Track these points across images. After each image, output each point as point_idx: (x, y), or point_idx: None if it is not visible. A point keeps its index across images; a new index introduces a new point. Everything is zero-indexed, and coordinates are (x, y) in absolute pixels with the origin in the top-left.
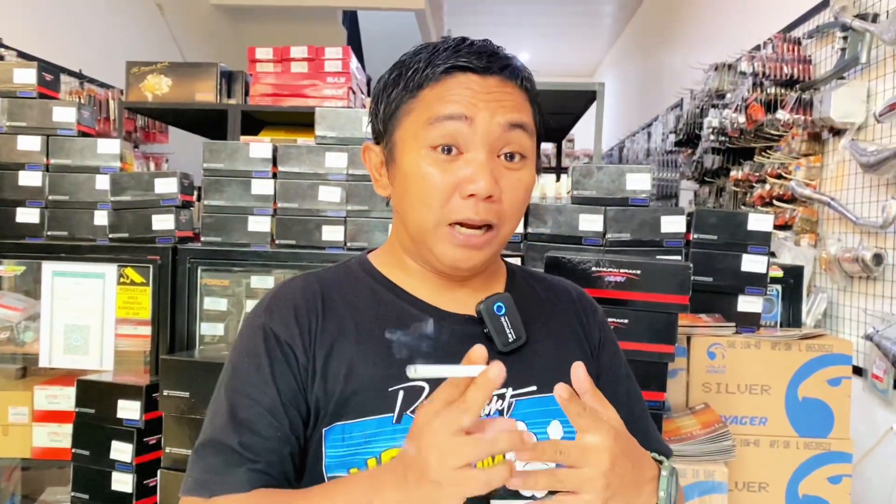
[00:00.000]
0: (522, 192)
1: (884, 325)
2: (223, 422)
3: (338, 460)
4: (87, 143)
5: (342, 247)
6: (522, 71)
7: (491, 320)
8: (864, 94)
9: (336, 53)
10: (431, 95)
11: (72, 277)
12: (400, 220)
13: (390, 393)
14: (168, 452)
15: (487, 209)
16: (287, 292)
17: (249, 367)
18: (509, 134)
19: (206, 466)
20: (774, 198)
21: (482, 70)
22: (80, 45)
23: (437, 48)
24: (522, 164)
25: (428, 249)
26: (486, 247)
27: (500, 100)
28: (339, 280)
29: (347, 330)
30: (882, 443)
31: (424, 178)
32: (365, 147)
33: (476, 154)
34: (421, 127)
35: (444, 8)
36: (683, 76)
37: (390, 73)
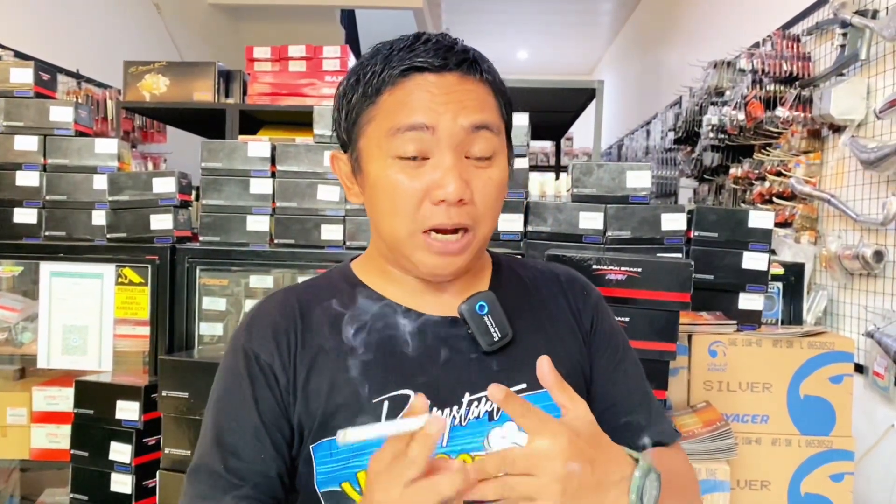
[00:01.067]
0: (494, 190)
1: (885, 322)
2: (209, 446)
3: (328, 475)
4: (84, 142)
5: (341, 246)
6: (481, 63)
7: (473, 321)
8: (863, 90)
9: (334, 52)
10: (390, 101)
11: (70, 278)
12: (377, 232)
13: (374, 404)
14: (167, 453)
15: (460, 212)
16: (265, 311)
17: (232, 390)
18: (474, 135)
19: (196, 492)
20: (774, 195)
21: (439, 68)
22: (77, 45)
23: (392, 48)
24: (491, 161)
25: (405, 258)
26: (464, 251)
27: (460, 100)
28: (318, 293)
29: (328, 344)
30: (883, 440)
31: (393, 186)
32: (333, 156)
33: (442, 158)
34: (384, 136)
35: (441, 6)
36: (682, 74)
37: (349, 77)
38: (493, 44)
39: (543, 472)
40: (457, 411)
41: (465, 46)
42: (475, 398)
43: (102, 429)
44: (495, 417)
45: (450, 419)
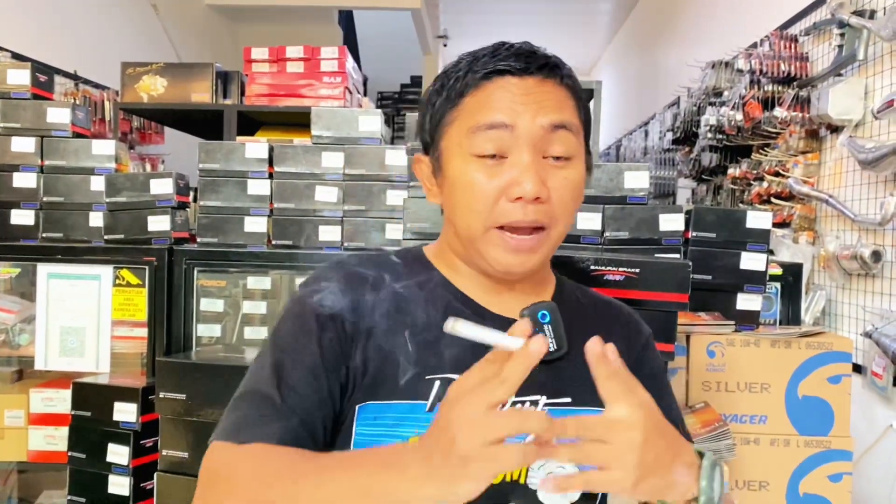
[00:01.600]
0: (571, 190)
1: (883, 322)
2: (265, 375)
3: (366, 438)
4: (81, 144)
5: (339, 247)
6: (562, 68)
7: (533, 326)
8: (861, 90)
9: (332, 53)
10: (472, 103)
11: (67, 279)
12: (451, 226)
13: (427, 381)
14: (165, 455)
15: (536, 210)
16: (342, 267)
17: (296, 329)
18: (553, 135)
19: (242, 415)
20: (772, 195)
21: (520, 71)
22: (74, 46)
23: (476, 55)
24: (569, 162)
25: (479, 255)
26: (538, 249)
27: (540, 101)
28: (392, 264)
29: (394, 313)
30: (882, 440)
31: (471, 184)
32: (416, 158)
33: (520, 157)
34: (464, 135)
35: (440, 7)
36: (680, 74)
37: (434, 84)
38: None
39: (620, 440)
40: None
41: (546, 52)
42: (519, 400)
43: (100, 430)
44: None
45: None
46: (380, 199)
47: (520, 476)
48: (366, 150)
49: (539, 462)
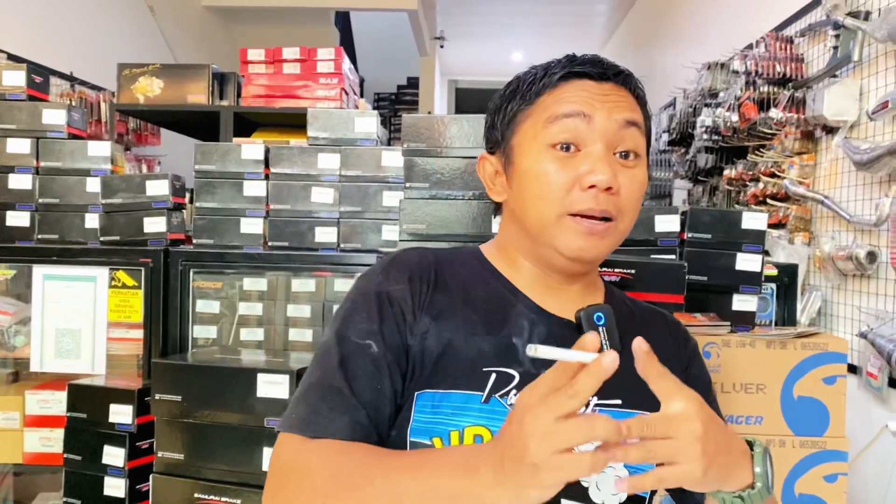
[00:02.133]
0: (638, 188)
1: (878, 322)
2: (332, 367)
3: (423, 426)
4: (77, 145)
5: (335, 248)
6: (635, 79)
7: (589, 327)
8: (856, 91)
9: (328, 54)
10: (549, 99)
11: (63, 281)
12: (515, 220)
13: (483, 373)
14: (160, 457)
15: (608, 200)
16: (404, 258)
17: (360, 319)
18: (625, 131)
19: (311, 408)
20: (768, 196)
21: (598, 76)
22: (70, 48)
23: (550, 63)
24: (637, 162)
25: (548, 244)
26: (607, 236)
27: (615, 101)
28: (452, 259)
29: (455, 305)
30: (877, 440)
31: (544, 173)
32: (480, 157)
33: (594, 147)
34: (540, 127)
35: (436, 8)
36: (676, 75)
37: (506, 87)
38: (487, 45)
39: (683, 434)
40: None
41: (620, 65)
42: None
43: (96, 432)
44: None
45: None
46: (376, 200)
47: None
48: (362, 152)
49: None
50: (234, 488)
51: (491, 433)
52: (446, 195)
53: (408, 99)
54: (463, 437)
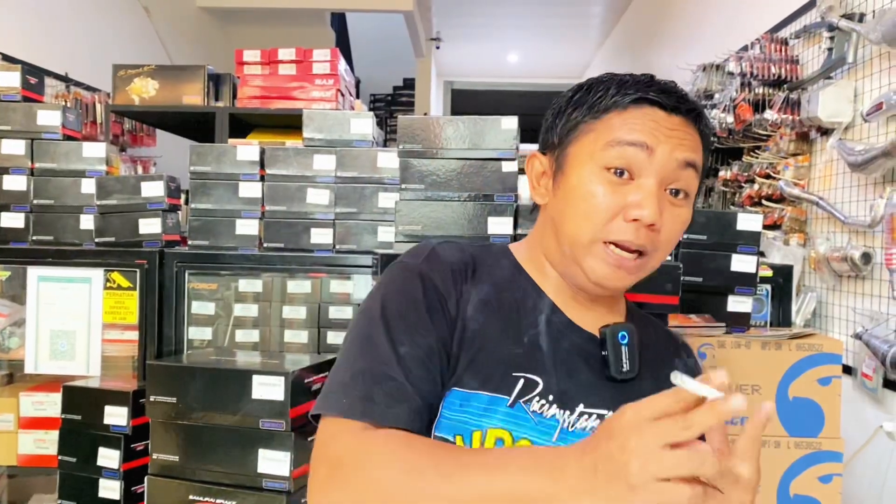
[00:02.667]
0: (680, 228)
1: (873, 323)
2: (384, 354)
3: (449, 423)
4: (72, 146)
5: (331, 249)
6: (705, 118)
7: (613, 345)
8: (851, 93)
9: (324, 55)
10: (617, 120)
11: (57, 282)
12: (551, 229)
13: (513, 377)
14: (156, 459)
15: (647, 235)
16: (444, 251)
17: (408, 307)
18: (682, 171)
19: (364, 394)
20: (763, 197)
21: (670, 108)
22: (65, 48)
23: (624, 80)
24: (685, 202)
25: (576, 263)
26: (636, 272)
27: (681, 138)
28: (487, 258)
29: (490, 303)
30: (872, 441)
31: (592, 194)
32: (532, 155)
33: (647, 181)
34: (599, 147)
35: (432, 10)
36: (671, 76)
37: (575, 91)
38: (483, 47)
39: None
40: (568, 416)
41: (694, 99)
42: (587, 412)
43: (90, 434)
44: None
45: (563, 420)
46: (372, 201)
47: None
48: (358, 153)
49: None
50: (229, 490)
51: (512, 437)
52: (442, 196)
53: (404, 100)
54: (485, 437)
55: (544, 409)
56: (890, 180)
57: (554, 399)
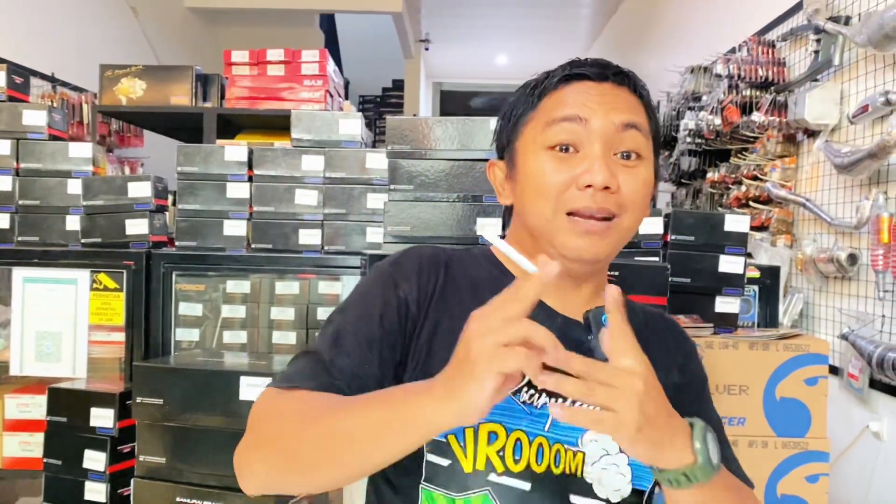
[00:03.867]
0: (641, 186)
1: (859, 324)
2: (326, 340)
3: None
4: (58, 146)
5: (319, 250)
6: (636, 79)
7: (597, 328)
8: (837, 95)
9: (313, 56)
10: (550, 103)
11: (43, 283)
12: (521, 223)
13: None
14: (142, 461)
15: (605, 198)
16: (417, 252)
17: (363, 301)
18: (624, 133)
19: (297, 368)
20: (750, 199)
21: (597, 77)
22: (52, 48)
23: (553, 69)
24: (639, 162)
25: (549, 242)
26: (607, 234)
27: (614, 102)
28: (463, 259)
29: (464, 302)
30: (858, 441)
31: (542, 172)
32: (490, 164)
33: (592, 148)
34: (539, 131)
35: (421, 11)
36: (660, 79)
37: (514, 95)
38: (473, 48)
39: (624, 385)
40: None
41: (621, 66)
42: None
43: (76, 436)
44: None
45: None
46: (360, 202)
47: (577, 469)
48: (346, 154)
49: (594, 458)
50: (216, 492)
51: (505, 430)
52: (430, 197)
53: (393, 101)
54: (478, 434)
55: (534, 399)
56: (876, 182)
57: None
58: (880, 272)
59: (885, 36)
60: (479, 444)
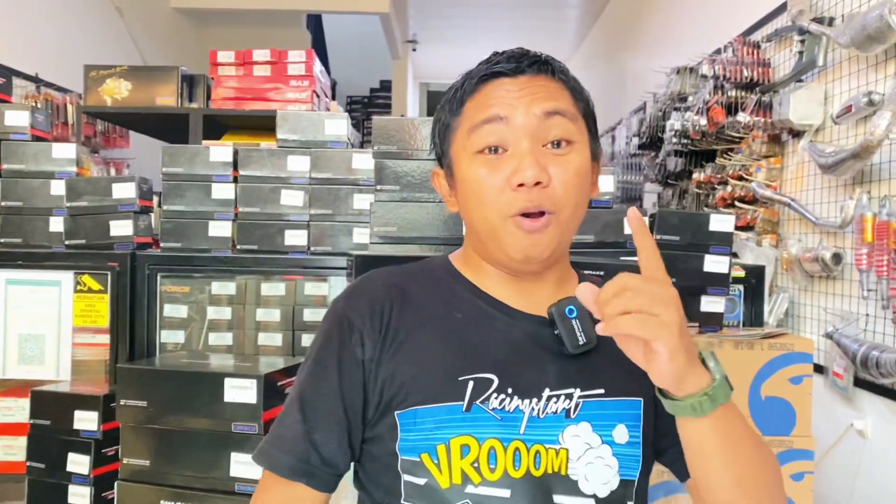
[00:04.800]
0: (573, 175)
1: (843, 323)
2: (293, 399)
3: (410, 444)
4: (41, 147)
5: (305, 251)
6: (553, 63)
7: (562, 322)
8: (821, 96)
9: (299, 57)
10: (472, 106)
11: (27, 286)
12: (471, 229)
13: (460, 382)
14: (126, 463)
15: (540, 195)
16: (365, 285)
17: (322, 349)
18: (549, 122)
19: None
20: (736, 199)
21: (513, 71)
22: (36, 49)
23: (472, 69)
24: (569, 148)
25: (498, 247)
26: (547, 230)
27: (533, 93)
28: (419, 274)
29: (424, 320)
30: (843, 439)
31: (477, 179)
32: (433, 173)
33: (518, 146)
34: (467, 137)
35: (408, 12)
36: (646, 79)
37: (441, 101)
38: (460, 50)
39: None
40: (535, 403)
41: (539, 53)
42: (554, 394)
43: (60, 440)
44: (572, 416)
45: (529, 409)
46: (346, 202)
47: (561, 467)
48: (332, 154)
49: (578, 453)
50: (200, 494)
51: (477, 441)
52: (417, 198)
53: (380, 102)
54: (450, 448)
55: (505, 403)
56: (859, 182)
57: (514, 391)
58: (864, 271)
59: (867, 37)
60: (452, 458)
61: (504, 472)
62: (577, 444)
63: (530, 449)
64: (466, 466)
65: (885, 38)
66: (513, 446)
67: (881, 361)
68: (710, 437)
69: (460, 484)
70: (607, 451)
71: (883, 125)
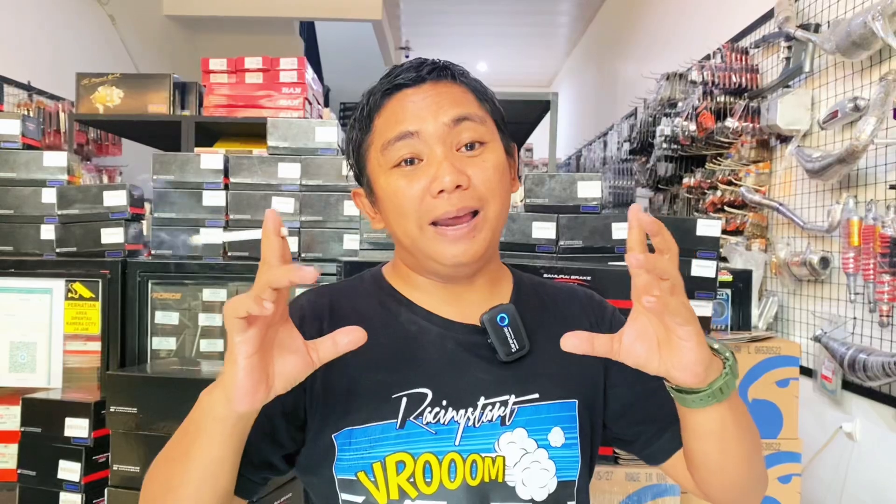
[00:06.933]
0: (492, 172)
1: (831, 326)
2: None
3: (347, 463)
4: (32, 155)
5: (296, 258)
6: (453, 68)
7: (494, 331)
8: (808, 101)
9: (291, 64)
10: (380, 123)
11: (17, 293)
12: (397, 241)
13: (393, 399)
14: (116, 470)
15: (462, 197)
16: (297, 303)
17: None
18: (458, 128)
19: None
20: (726, 204)
21: (414, 81)
22: (28, 57)
23: (374, 85)
24: (483, 148)
25: (426, 257)
26: (476, 232)
27: (438, 102)
28: (349, 291)
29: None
30: (832, 442)
31: (395, 192)
32: (353, 193)
33: (432, 155)
34: (380, 154)
35: (401, 19)
36: (637, 85)
37: (351, 120)
38: (453, 56)
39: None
40: (471, 413)
41: (438, 60)
42: (489, 402)
43: (51, 447)
44: (507, 423)
45: (464, 420)
46: (337, 209)
47: (497, 475)
48: (323, 161)
49: (515, 459)
50: None
51: (412, 457)
52: None
53: None
54: (385, 467)
55: (440, 416)
56: (846, 186)
57: (449, 403)
58: (851, 275)
59: (852, 43)
60: (388, 475)
61: (440, 484)
62: (514, 450)
63: (466, 459)
64: (403, 482)
65: (870, 45)
66: (448, 458)
67: (868, 364)
68: (727, 416)
69: (398, 499)
70: (543, 454)
71: (868, 130)
